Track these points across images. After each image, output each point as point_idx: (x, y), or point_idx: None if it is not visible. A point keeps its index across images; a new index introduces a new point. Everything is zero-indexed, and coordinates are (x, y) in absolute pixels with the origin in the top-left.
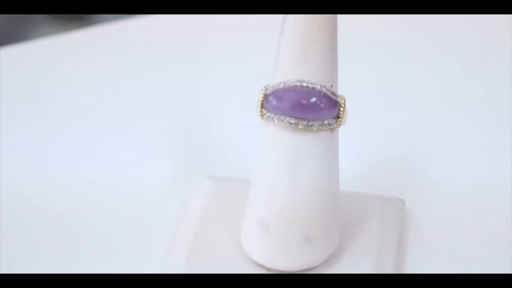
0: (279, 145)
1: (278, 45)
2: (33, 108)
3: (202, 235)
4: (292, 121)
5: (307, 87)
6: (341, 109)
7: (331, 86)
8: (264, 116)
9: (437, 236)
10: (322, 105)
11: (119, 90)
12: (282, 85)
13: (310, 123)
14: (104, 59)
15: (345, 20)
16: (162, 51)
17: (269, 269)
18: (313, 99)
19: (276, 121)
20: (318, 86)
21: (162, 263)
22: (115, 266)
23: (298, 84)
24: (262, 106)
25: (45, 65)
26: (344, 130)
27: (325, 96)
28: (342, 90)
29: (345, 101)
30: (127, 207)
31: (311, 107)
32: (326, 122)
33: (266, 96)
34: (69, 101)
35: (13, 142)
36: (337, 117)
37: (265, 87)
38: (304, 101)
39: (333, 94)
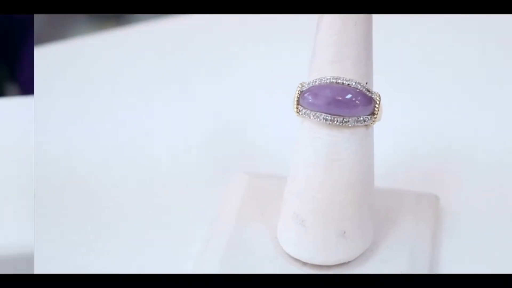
0: (315, 141)
1: (314, 43)
2: (72, 107)
3: (239, 230)
4: (328, 117)
5: (343, 83)
6: (376, 105)
7: (366, 83)
8: (300, 113)
9: (471, 233)
10: (357, 101)
11: (157, 89)
12: (317, 82)
13: (345, 120)
14: (141, 57)
15: (380, 20)
16: (199, 49)
17: (304, 263)
18: (349, 96)
19: (311, 118)
20: (354, 83)
21: (199, 259)
22: (152, 263)
23: (334, 81)
24: (298, 103)
25: (82, 63)
26: (379, 127)
27: (360, 92)
28: (377, 88)
29: (380, 98)
30: (165, 204)
31: (346, 104)
32: (361, 118)
33: (302, 93)
34: (110, 98)
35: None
36: (372, 113)
37: (301, 84)
38: (340, 98)
39: (368, 91)
